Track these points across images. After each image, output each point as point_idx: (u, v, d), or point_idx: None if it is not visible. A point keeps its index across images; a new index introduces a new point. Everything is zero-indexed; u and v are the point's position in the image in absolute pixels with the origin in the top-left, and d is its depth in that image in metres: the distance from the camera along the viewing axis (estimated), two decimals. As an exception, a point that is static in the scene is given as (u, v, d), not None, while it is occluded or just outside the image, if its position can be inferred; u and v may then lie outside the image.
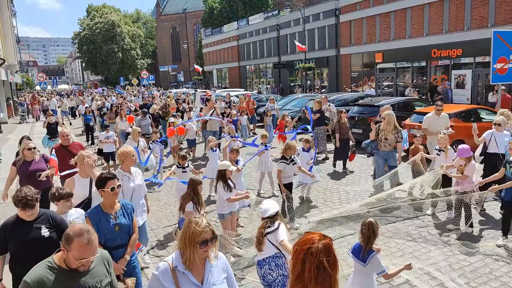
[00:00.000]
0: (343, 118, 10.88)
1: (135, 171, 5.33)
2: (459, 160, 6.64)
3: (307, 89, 33.98)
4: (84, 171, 5.19)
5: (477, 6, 21.12)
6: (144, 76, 42.29)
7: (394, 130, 8.04)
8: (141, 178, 5.42)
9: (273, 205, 4.25)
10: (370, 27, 28.42)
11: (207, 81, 59.35)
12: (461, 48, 21.91)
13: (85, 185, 5.19)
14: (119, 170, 5.21)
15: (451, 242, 6.18)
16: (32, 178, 6.20)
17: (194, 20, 77.15)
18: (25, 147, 6.49)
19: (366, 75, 29.33)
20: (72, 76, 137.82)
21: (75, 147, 7.19)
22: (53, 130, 12.49)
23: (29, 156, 6.47)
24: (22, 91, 50.88)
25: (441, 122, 9.29)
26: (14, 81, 35.50)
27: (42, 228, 3.75)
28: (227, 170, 5.96)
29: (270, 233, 4.07)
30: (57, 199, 4.38)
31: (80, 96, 33.72)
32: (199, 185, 5.41)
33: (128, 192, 5.18)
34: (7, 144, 17.23)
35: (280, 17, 40.41)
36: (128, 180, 5.18)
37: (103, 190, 3.99)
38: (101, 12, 70.96)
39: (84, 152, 5.26)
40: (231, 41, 49.67)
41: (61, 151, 7.09)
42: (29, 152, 6.48)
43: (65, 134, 7.26)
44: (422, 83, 25.16)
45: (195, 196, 5.31)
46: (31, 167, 6.43)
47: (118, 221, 4.01)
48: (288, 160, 7.13)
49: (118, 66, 69.10)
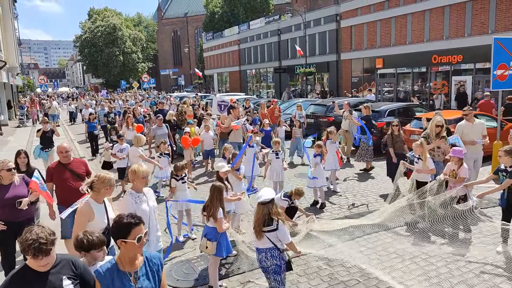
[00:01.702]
0: (395, 130, 9.47)
1: (147, 190, 4.67)
2: (449, 165, 6.61)
3: (306, 94, 34.00)
4: (101, 196, 4.19)
5: (478, 13, 21.20)
6: (145, 79, 42.35)
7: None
8: (154, 198, 4.75)
9: (268, 192, 4.43)
10: (371, 32, 28.51)
11: (207, 85, 59.43)
12: (461, 54, 21.97)
13: (101, 212, 4.17)
14: (131, 191, 4.50)
15: (446, 248, 6.16)
16: (9, 207, 5.11)
17: (195, 24, 77.34)
18: (3, 167, 5.14)
19: (366, 80, 29.38)
20: (73, 79, 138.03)
21: (77, 165, 5.88)
22: (47, 140, 11.01)
23: (7, 179, 5.19)
24: (22, 93, 50.88)
25: (476, 130, 8.47)
26: (15, 83, 35.56)
27: (64, 279, 2.81)
28: (220, 172, 6.20)
29: (269, 232, 4.33)
30: (86, 249, 3.17)
31: (83, 99, 31.72)
32: (223, 190, 5.29)
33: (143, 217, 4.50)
34: (7, 146, 17.23)
35: (281, 22, 40.55)
36: (141, 201, 4.47)
37: (124, 241, 2.89)
38: (103, 16, 71.19)
39: (106, 174, 4.22)
40: (232, 45, 49.79)
41: (59, 171, 5.72)
42: (8, 174, 5.17)
43: (65, 149, 5.76)
44: (422, 88, 25.21)
45: (221, 201, 5.12)
46: (8, 193, 5.14)
47: (139, 285, 2.92)
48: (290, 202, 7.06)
49: (119, 69, 69.25)
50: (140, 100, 28.20)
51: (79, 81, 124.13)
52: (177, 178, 7.14)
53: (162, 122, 12.00)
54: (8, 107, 29.18)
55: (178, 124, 13.86)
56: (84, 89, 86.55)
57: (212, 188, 5.18)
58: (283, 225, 4.37)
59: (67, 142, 5.92)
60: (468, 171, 6.53)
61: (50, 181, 5.79)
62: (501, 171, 6.02)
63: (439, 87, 23.79)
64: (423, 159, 7.15)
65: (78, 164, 5.96)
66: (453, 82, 22.62)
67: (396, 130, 9.42)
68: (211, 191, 5.18)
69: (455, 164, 6.49)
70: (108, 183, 4.14)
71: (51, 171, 5.81)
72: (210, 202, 5.09)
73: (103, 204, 4.24)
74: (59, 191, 5.78)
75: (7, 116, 27.77)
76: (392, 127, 9.57)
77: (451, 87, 22.70)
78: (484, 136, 8.42)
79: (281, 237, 4.37)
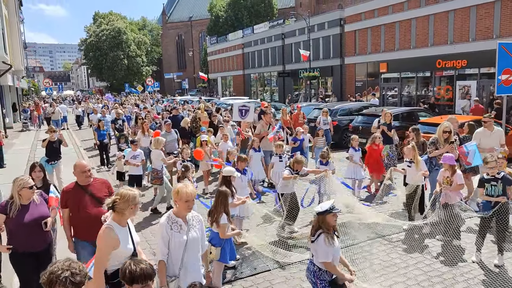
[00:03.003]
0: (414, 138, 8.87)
1: (192, 217, 3.88)
2: (442, 172, 6.49)
3: (310, 98, 33.99)
4: (125, 217, 3.61)
5: (482, 18, 21.16)
6: (149, 83, 42.51)
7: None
8: (200, 228, 3.91)
9: (326, 204, 4.16)
10: (375, 37, 28.52)
11: (211, 88, 59.57)
12: (466, 59, 21.92)
13: (126, 237, 3.59)
14: (170, 214, 3.77)
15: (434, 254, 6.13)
16: (32, 230, 4.41)
17: (200, 28, 77.64)
18: (24, 185, 4.43)
19: (370, 84, 29.35)
20: (77, 82, 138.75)
21: (98, 188, 4.77)
22: (54, 151, 9.79)
23: (27, 198, 4.50)
24: (27, 96, 51.23)
25: (494, 138, 8.24)
26: (20, 86, 35.79)
27: None
28: (231, 176, 6.04)
29: (311, 242, 4.16)
30: (128, 282, 2.74)
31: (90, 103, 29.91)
32: (229, 196, 5.16)
33: (176, 250, 3.65)
34: (12, 149, 17.32)
35: (285, 26, 40.63)
36: (179, 229, 3.70)
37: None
38: (108, 19, 71.64)
39: (129, 191, 3.60)
40: (236, 49, 49.92)
41: (76, 196, 4.64)
42: (28, 192, 4.47)
43: (86, 168, 4.73)
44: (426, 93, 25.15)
45: (226, 206, 4.99)
46: (30, 214, 4.44)
47: None
48: (293, 171, 7.13)
49: (123, 72, 69.57)
50: (151, 104, 26.83)
51: (84, 84, 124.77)
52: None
53: (171, 127, 11.29)
54: (13, 110, 29.37)
55: (192, 132, 12.99)
56: (89, 92, 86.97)
57: (217, 193, 5.05)
58: (324, 241, 4.01)
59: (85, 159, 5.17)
60: (462, 176, 6.37)
61: (65, 206, 4.70)
62: (487, 182, 5.79)
63: (443, 93, 23.74)
64: (415, 162, 7.13)
65: (99, 186, 4.79)
66: (458, 86, 22.55)
67: (414, 137, 8.75)
68: (216, 196, 5.06)
69: (448, 171, 6.35)
70: (132, 202, 3.53)
71: (67, 195, 4.70)
72: (215, 207, 4.96)
73: (126, 226, 3.65)
74: (75, 221, 4.66)
75: (12, 119, 27.94)
76: (409, 133, 9.05)
77: (456, 92, 22.62)
78: (502, 144, 8.20)
79: (316, 252, 4.11)
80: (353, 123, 14.57)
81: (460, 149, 7.70)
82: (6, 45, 20.64)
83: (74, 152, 15.73)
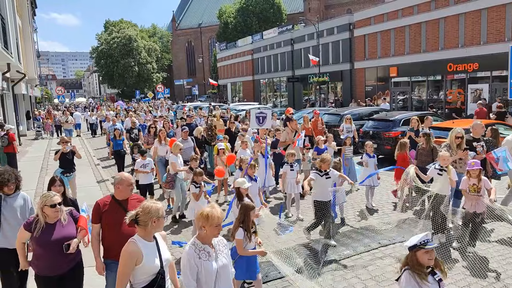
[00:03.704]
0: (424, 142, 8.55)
1: (218, 241, 3.54)
2: (466, 181, 6.23)
3: (320, 103, 33.95)
4: (149, 231, 3.41)
5: (494, 20, 20.97)
6: (160, 89, 42.78)
7: None
8: (227, 252, 3.62)
9: (415, 238, 3.40)
10: (385, 41, 28.41)
11: (221, 94, 59.82)
12: (477, 62, 21.71)
13: (152, 252, 3.42)
14: (195, 241, 3.40)
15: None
16: (55, 252, 4.06)
17: (209, 35, 78.19)
18: (46, 202, 4.07)
19: (380, 89, 29.21)
20: (89, 90, 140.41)
21: (134, 205, 4.29)
22: (68, 163, 9.38)
23: (52, 217, 4.13)
24: (41, 104, 51.96)
25: None
26: (33, 94, 36.36)
27: None
28: (241, 188, 5.77)
29: (396, 280, 3.53)
30: None
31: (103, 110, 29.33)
32: (251, 210, 4.66)
33: (207, 281, 3.35)
34: (25, 157, 17.56)
35: (294, 32, 40.70)
36: (208, 257, 3.38)
37: None
38: (119, 27, 72.54)
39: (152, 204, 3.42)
40: (246, 55, 50.13)
41: (111, 211, 4.27)
42: (52, 211, 4.09)
43: (130, 182, 4.37)
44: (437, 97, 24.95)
45: (245, 222, 4.60)
46: (54, 235, 4.08)
47: None
48: (321, 172, 6.81)
49: (134, 79, 70.30)
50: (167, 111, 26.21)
51: (95, 91, 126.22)
52: (196, 185, 7.00)
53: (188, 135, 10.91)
54: (27, 118, 29.81)
55: (207, 140, 12.47)
56: (100, 99, 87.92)
57: (241, 206, 4.81)
58: (406, 277, 3.35)
59: (127, 174, 4.52)
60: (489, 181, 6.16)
61: (97, 222, 4.28)
62: None
63: (454, 96, 23.52)
64: (447, 171, 6.58)
65: (135, 203, 4.30)
66: (469, 90, 22.33)
67: (424, 142, 8.52)
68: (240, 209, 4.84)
69: (474, 177, 6.09)
70: (155, 214, 3.31)
71: (102, 209, 4.27)
72: (236, 220, 4.76)
73: (153, 241, 3.46)
74: (107, 239, 4.27)
75: (26, 126, 28.35)
76: (420, 138, 8.77)
77: (467, 96, 22.40)
78: None
79: None
80: (363, 128, 14.48)
81: (489, 155, 7.46)
82: (20, 55, 21.01)
83: (87, 161, 15.60)
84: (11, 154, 13.73)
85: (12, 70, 18.41)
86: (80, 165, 11.17)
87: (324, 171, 6.81)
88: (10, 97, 22.06)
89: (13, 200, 4.87)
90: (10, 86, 21.66)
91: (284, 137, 10.59)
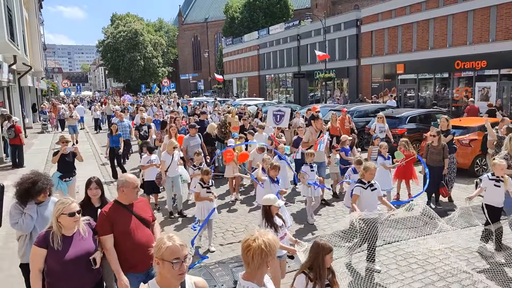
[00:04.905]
0: (435, 140, 8.33)
1: (267, 280, 2.74)
2: None
3: (326, 99, 33.84)
4: (168, 281, 2.73)
5: (503, 18, 20.72)
6: (165, 84, 42.81)
7: None
8: None
9: None
10: (392, 37, 28.19)
11: (226, 89, 59.80)
12: (485, 60, 21.50)
13: None
14: (240, 282, 2.65)
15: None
16: (79, 268, 3.45)
17: (215, 29, 78.02)
18: (64, 210, 3.41)
19: (386, 86, 29.03)
20: (95, 83, 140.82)
21: (142, 207, 4.05)
22: (67, 166, 8.13)
23: (70, 228, 3.49)
24: (47, 97, 52.17)
25: None
26: (39, 87, 36.49)
27: None
28: (272, 206, 4.60)
29: None
30: None
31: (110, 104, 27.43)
32: (327, 254, 3.54)
33: None
34: (31, 149, 17.65)
35: (301, 27, 40.51)
36: None
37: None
38: (125, 21, 72.56)
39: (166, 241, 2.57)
40: (252, 51, 50.00)
41: (120, 217, 3.82)
42: (69, 221, 3.44)
43: (135, 184, 3.94)
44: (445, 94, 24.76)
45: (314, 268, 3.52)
46: (77, 248, 3.46)
47: None
48: (365, 184, 5.78)
49: (140, 73, 70.42)
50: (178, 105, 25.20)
51: (101, 85, 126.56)
52: (203, 185, 6.64)
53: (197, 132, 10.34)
54: (33, 110, 29.96)
55: (219, 138, 11.76)
56: (106, 93, 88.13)
57: (313, 246, 3.66)
58: None
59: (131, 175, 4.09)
60: None
61: (108, 232, 3.76)
62: None
63: (461, 94, 23.33)
64: (504, 181, 5.87)
65: (143, 205, 4.08)
66: (477, 88, 22.13)
67: (435, 141, 8.25)
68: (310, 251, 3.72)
69: None
70: (170, 255, 2.43)
71: (110, 217, 3.78)
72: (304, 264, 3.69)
73: None
74: (123, 250, 3.78)
75: (31, 119, 28.48)
76: (429, 136, 8.53)
77: (475, 93, 22.20)
78: None
79: None
80: (369, 125, 14.39)
81: None
82: (27, 47, 21.06)
83: (94, 159, 15.00)
84: (17, 146, 13.86)
85: (18, 62, 18.45)
86: (85, 163, 10.19)
87: (367, 182, 5.77)
88: (16, 89, 22.15)
89: (44, 209, 4.27)
90: (16, 78, 21.73)
91: (307, 137, 9.58)
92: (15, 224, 4.15)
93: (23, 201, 4.20)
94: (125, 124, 13.76)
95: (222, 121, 12.65)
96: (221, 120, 12.88)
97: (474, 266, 5.81)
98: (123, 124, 13.53)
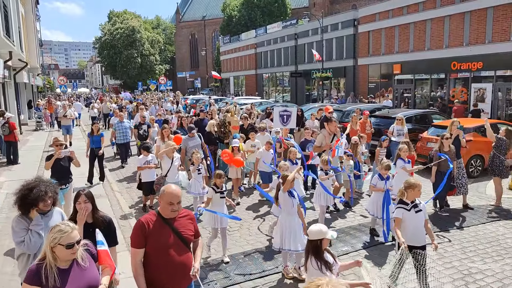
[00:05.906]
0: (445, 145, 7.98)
1: None
2: None
3: (323, 98, 33.88)
4: None
5: (499, 19, 20.79)
6: (162, 81, 42.76)
7: None
8: None
9: None
10: (389, 38, 28.25)
11: (223, 88, 59.75)
12: (481, 61, 21.58)
13: None
14: None
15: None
16: None
17: (213, 28, 77.90)
18: (64, 241, 2.81)
19: (383, 86, 29.09)
20: (91, 80, 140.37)
21: (184, 224, 3.57)
22: (63, 171, 7.34)
23: (66, 259, 2.89)
24: (42, 93, 51.94)
25: None
26: (35, 83, 36.33)
27: None
28: (324, 240, 3.70)
29: None
30: None
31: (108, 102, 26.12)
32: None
33: None
34: (26, 146, 17.56)
35: (298, 26, 40.52)
36: None
37: None
38: (122, 18, 72.22)
39: None
40: (249, 49, 49.95)
41: (159, 230, 3.41)
42: (66, 254, 2.85)
43: (179, 197, 3.52)
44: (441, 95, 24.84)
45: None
46: (73, 283, 2.85)
47: None
48: (408, 205, 4.87)
49: (137, 71, 70.17)
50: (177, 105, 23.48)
51: (98, 82, 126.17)
52: (216, 190, 6.13)
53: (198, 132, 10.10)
54: (29, 107, 29.83)
55: (219, 137, 11.44)
56: (103, 90, 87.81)
57: None
58: None
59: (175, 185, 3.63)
60: None
61: (141, 246, 3.35)
62: None
63: (457, 95, 23.41)
64: None
65: (185, 221, 3.54)
66: (473, 89, 22.21)
67: (446, 146, 7.94)
68: None
69: None
70: None
71: (147, 229, 3.35)
72: None
73: None
74: (153, 269, 3.35)
75: (27, 115, 28.36)
76: (442, 140, 8.08)
77: (471, 95, 22.29)
78: None
79: None
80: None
81: None
82: (22, 43, 20.96)
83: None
84: (12, 142, 13.78)
85: (14, 58, 18.39)
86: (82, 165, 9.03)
87: (411, 203, 4.87)
88: (12, 85, 22.04)
89: (48, 219, 3.80)
90: (12, 74, 21.63)
91: (320, 141, 8.90)
92: (20, 243, 3.59)
93: (24, 212, 3.72)
94: (125, 125, 13.07)
95: (221, 120, 12.18)
96: (220, 120, 12.39)
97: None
98: (123, 125, 12.89)
